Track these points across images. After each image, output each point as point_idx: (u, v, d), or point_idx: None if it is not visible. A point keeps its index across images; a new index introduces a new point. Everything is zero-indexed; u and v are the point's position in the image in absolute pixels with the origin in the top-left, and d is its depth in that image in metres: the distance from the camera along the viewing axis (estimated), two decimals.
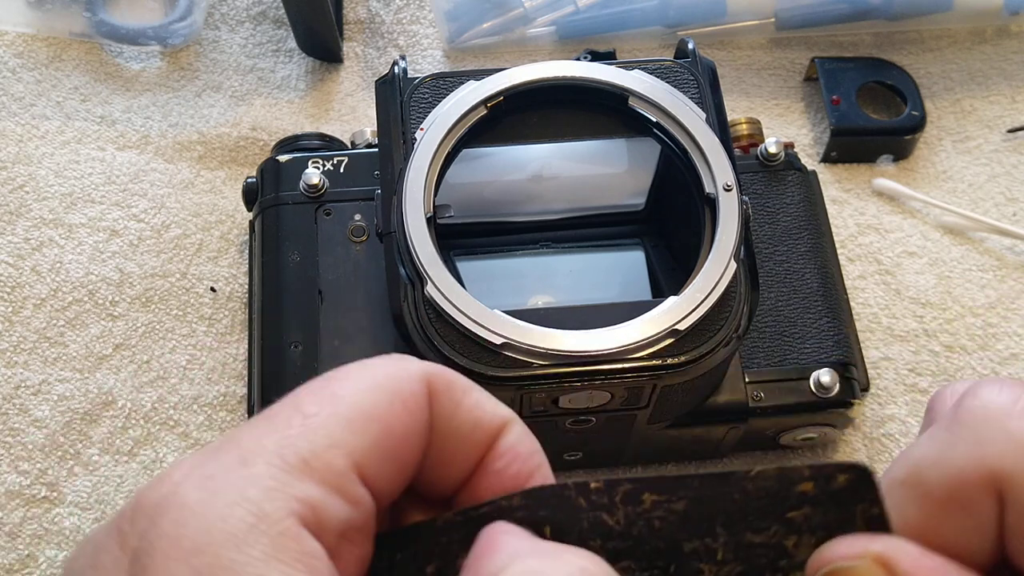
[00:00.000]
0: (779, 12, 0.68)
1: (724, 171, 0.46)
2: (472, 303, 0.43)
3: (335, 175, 0.53)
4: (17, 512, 0.52)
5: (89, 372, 0.55)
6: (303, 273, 0.51)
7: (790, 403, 0.50)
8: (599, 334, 0.43)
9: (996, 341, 0.58)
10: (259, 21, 0.69)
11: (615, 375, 0.43)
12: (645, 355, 0.43)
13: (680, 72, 0.49)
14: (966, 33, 0.70)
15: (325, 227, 0.52)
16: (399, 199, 0.45)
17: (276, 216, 0.53)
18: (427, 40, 0.69)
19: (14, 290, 0.57)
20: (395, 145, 0.47)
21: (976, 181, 0.64)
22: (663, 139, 0.48)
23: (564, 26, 0.68)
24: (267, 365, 0.50)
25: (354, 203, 0.52)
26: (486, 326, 0.42)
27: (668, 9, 0.68)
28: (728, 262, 0.44)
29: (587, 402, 0.45)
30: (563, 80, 0.48)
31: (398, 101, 0.48)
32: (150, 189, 0.61)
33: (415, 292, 0.44)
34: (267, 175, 0.54)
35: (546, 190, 0.53)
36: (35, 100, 0.64)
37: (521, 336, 0.42)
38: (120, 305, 0.57)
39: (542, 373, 0.43)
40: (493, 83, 0.47)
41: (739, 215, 0.45)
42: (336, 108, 0.66)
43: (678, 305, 0.43)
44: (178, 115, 0.65)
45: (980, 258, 0.61)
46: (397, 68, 0.49)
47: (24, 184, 0.61)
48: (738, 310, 0.44)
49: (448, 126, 0.46)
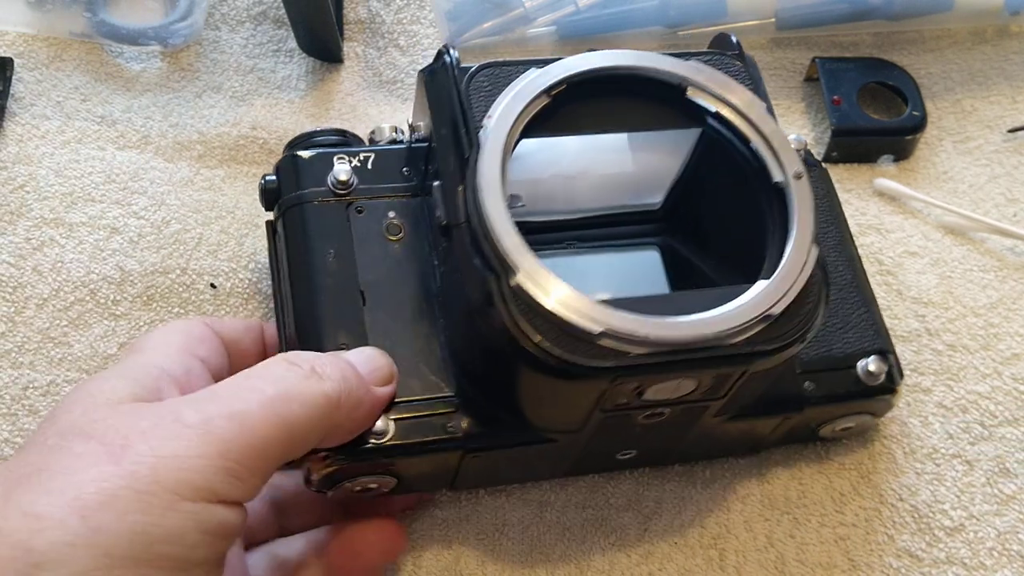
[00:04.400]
0: (779, 12, 0.68)
1: (792, 159, 0.46)
2: (567, 291, 0.41)
3: (362, 171, 0.51)
4: None
5: (95, 372, 0.55)
6: (341, 273, 0.48)
7: (841, 392, 0.51)
8: (695, 320, 0.42)
9: (998, 341, 0.58)
10: (259, 21, 0.69)
11: (712, 361, 0.42)
12: (740, 341, 0.42)
13: (732, 64, 0.49)
14: (967, 33, 0.70)
15: (359, 225, 0.50)
16: (471, 189, 0.43)
17: (304, 214, 0.50)
18: (427, 40, 0.69)
19: (16, 290, 0.57)
20: (456, 135, 0.45)
21: (977, 182, 0.64)
22: (723, 129, 0.48)
23: (564, 26, 0.68)
24: None
25: (386, 200, 0.50)
26: (584, 314, 0.41)
27: (668, 9, 0.68)
28: (810, 247, 0.44)
29: (672, 392, 0.44)
30: (623, 70, 0.47)
31: (453, 91, 0.46)
32: (150, 187, 0.61)
33: (500, 283, 0.42)
34: (288, 172, 0.52)
35: (576, 188, 0.53)
36: (35, 100, 0.64)
37: (620, 323, 0.41)
38: (122, 304, 0.57)
39: (639, 363, 0.42)
40: (555, 71, 0.46)
41: (813, 201, 0.45)
42: (336, 108, 0.66)
43: (769, 290, 0.43)
44: (178, 115, 0.65)
45: (981, 258, 0.61)
46: (448, 57, 0.47)
47: (24, 184, 0.61)
48: (820, 294, 0.44)
49: (516, 114, 0.45)
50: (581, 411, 0.45)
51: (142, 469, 0.36)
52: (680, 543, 0.52)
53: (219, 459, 0.37)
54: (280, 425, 0.38)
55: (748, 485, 0.54)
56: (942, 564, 0.52)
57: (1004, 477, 0.54)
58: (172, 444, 0.36)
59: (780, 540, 0.52)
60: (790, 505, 0.53)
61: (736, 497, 0.53)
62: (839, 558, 0.52)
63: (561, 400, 0.45)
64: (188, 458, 0.36)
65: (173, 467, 0.36)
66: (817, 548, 0.52)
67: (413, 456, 0.45)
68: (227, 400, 0.39)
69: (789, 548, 0.52)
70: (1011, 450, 0.55)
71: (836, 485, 0.54)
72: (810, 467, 0.54)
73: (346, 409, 0.41)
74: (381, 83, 0.67)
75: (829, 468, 0.54)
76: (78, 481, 0.35)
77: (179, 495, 0.36)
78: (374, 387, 0.43)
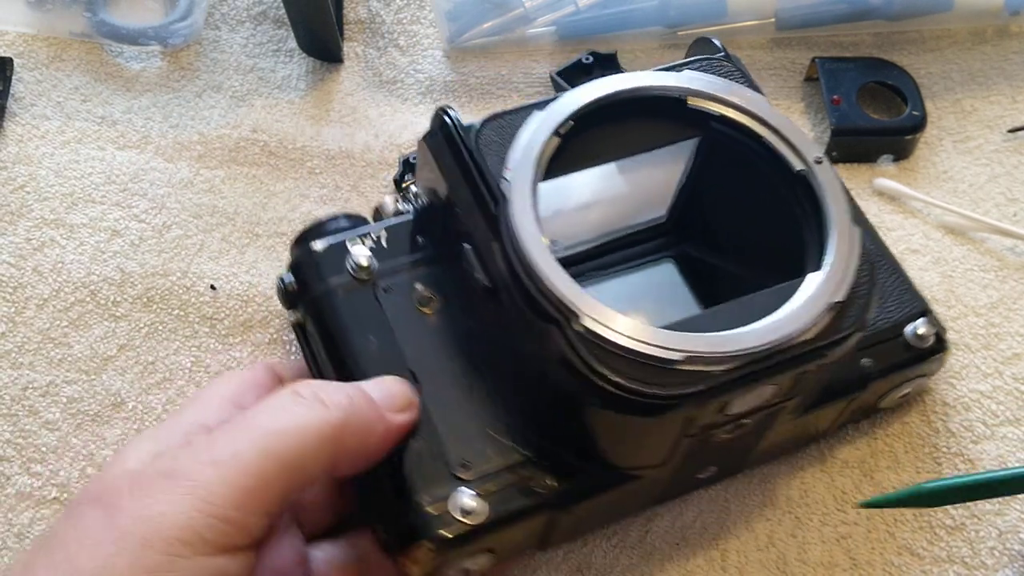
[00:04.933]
0: (779, 12, 0.68)
1: (809, 146, 0.46)
2: (636, 325, 0.41)
3: (379, 250, 0.49)
4: (26, 513, 0.51)
5: (95, 373, 0.55)
6: (387, 359, 0.46)
7: (899, 360, 0.51)
8: (767, 325, 0.41)
9: (999, 341, 0.58)
10: (259, 21, 0.69)
11: (794, 361, 0.42)
12: (815, 335, 0.42)
13: (723, 66, 0.50)
14: (966, 33, 0.70)
15: (390, 305, 0.48)
16: (510, 244, 0.42)
17: (334, 307, 0.48)
18: (427, 40, 0.69)
19: (16, 291, 0.57)
20: (476, 194, 0.44)
21: (977, 181, 0.64)
22: (731, 131, 0.48)
23: (564, 26, 0.69)
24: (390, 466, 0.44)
25: (409, 273, 0.49)
26: (660, 343, 0.40)
27: (668, 9, 0.68)
28: (852, 228, 0.44)
29: (755, 401, 0.43)
30: (623, 94, 0.47)
31: (463, 150, 0.45)
32: (150, 188, 0.61)
33: (564, 331, 0.41)
34: (307, 268, 0.49)
35: (583, 219, 0.52)
36: (35, 100, 0.64)
37: (698, 345, 0.40)
38: (122, 305, 0.57)
39: (725, 379, 0.41)
40: (560, 110, 0.46)
41: (840, 182, 0.45)
42: (336, 108, 0.66)
43: (828, 278, 0.43)
44: (179, 115, 0.64)
45: (981, 258, 0.61)
46: (449, 118, 0.46)
47: (25, 184, 0.61)
48: (871, 271, 0.44)
49: (533, 159, 0.44)
50: (668, 441, 0.44)
51: (133, 533, 0.35)
52: (681, 543, 0.52)
53: (207, 509, 0.36)
54: (275, 461, 0.38)
55: (749, 485, 0.54)
56: (943, 562, 0.52)
57: None
58: (160, 501, 0.36)
59: (781, 539, 0.52)
60: (792, 504, 0.53)
61: (737, 497, 0.53)
62: (840, 557, 0.52)
63: (646, 435, 0.43)
64: (175, 515, 0.36)
65: (163, 526, 0.35)
66: (819, 547, 0.52)
67: (510, 527, 0.43)
68: (219, 444, 0.38)
69: (791, 548, 0.52)
70: (1012, 449, 0.55)
71: (838, 484, 0.54)
72: (812, 466, 0.54)
73: (355, 436, 0.40)
74: (381, 83, 0.67)
75: (831, 467, 0.54)
76: (75, 553, 0.36)
77: (172, 554, 0.35)
78: (389, 413, 0.42)
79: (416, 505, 0.42)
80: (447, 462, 0.43)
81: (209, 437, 0.39)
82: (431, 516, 0.42)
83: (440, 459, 0.43)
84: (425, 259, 0.49)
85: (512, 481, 0.43)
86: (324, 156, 0.63)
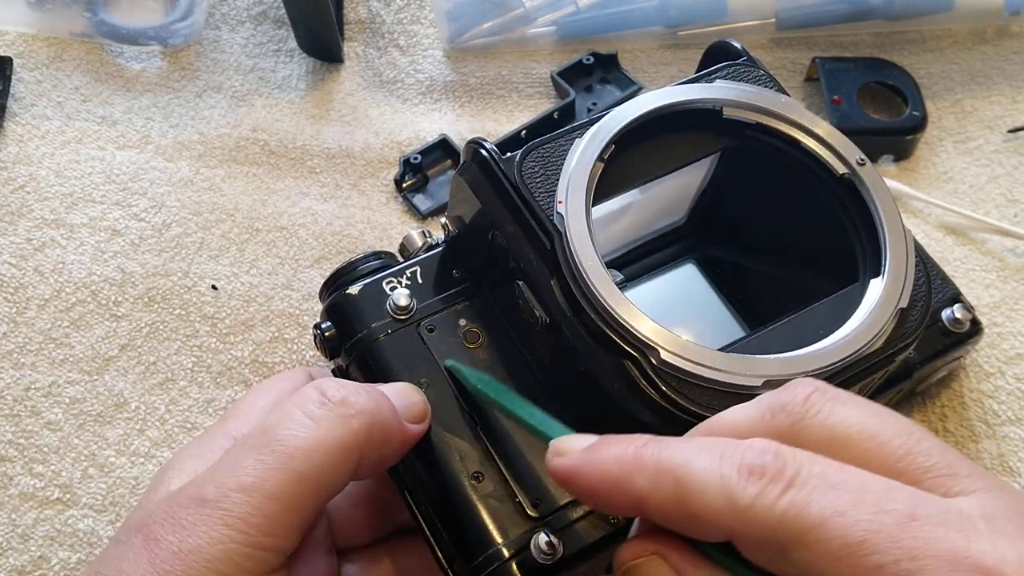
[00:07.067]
0: (780, 12, 0.68)
1: (850, 149, 0.46)
2: (715, 355, 0.40)
3: (415, 288, 0.48)
4: (30, 514, 0.51)
5: (97, 374, 0.55)
6: (442, 400, 0.45)
7: (940, 347, 0.51)
8: (839, 340, 0.41)
9: (1001, 340, 0.58)
10: (260, 21, 0.69)
11: (866, 371, 0.42)
12: (883, 343, 0.42)
13: (751, 70, 0.49)
14: (967, 33, 0.70)
15: (436, 344, 0.47)
16: (572, 280, 0.42)
17: (380, 352, 0.46)
18: (427, 40, 0.69)
19: (17, 291, 0.57)
20: (527, 230, 0.43)
21: (977, 182, 0.64)
22: (769, 138, 0.47)
23: (565, 26, 0.69)
24: (456, 510, 0.43)
25: (450, 309, 0.48)
26: (739, 371, 0.40)
27: (669, 9, 0.68)
28: (905, 230, 0.44)
29: None
30: (660, 110, 0.47)
31: (506, 186, 0.44)
32: (150, 188, 0.61)
33: (642, 366, 0.40)
34: (345, 314, 0.48)
35: (609, 233, 0.52)
36: (35, 100, 0.64)
37: (776, 368, 0.40)
38: (123, 305, 0.57)
39: None
40: (602, 135, 0.45)
41: (884, 183, 0.45)
42: (337, 108, 0.66)
43: (891, 285, 0.43)
44: (179, 115, 0.64)
45: (983, 259, 0.61)
46: (486, 151, 0.45)
47: (25, 184, 0.61)
48: (926, 273, 0.44)
49: (583, 190, 0.43)
50: None
51: (171, 567, 0.36)
52: None
53: (242, 539, 0.37)
54: (302, 482, 0.38)
55: None
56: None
57: (1007, 476, 0.54)
58: (195, 534, 0.37)
59: None
60: None
61: None
62: None
63: None
64: (211, 547, 0.36)
65: (200, 559, 0.36)
66: None
67: (587, 560, 0.43)
68: (248, 466, 0.38)
69: None
70: (1014, 448, 0.55)
71: None
72: None
73: (377, 442, 0.40)
74: (381, 83, 0.67)
75: None
76: None
77: None
78: (407, 424, 0.42)
79: (498, 551, 0.42)
80: (520, 503, 0.43)
81: (237, 456, 0.39)
82: (514, 559, 0.42)
83: (511, 501, 0.43)
84: (464, 292, 0.48)
85: (583, 515, 0.43)
86: (324, 155, 0.63)
